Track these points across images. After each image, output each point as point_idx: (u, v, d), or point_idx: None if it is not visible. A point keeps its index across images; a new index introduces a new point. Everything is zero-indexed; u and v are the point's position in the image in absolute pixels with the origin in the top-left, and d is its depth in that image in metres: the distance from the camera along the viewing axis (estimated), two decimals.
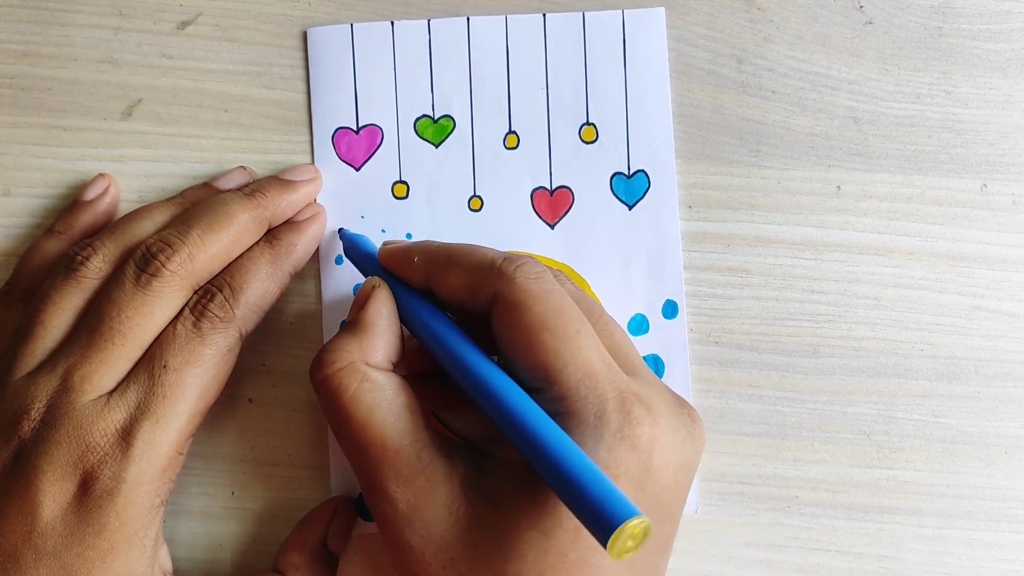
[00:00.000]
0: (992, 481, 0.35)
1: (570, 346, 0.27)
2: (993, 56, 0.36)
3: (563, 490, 0.24)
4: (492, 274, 0.28)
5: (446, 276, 0.29)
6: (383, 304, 0.30)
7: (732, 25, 0.36)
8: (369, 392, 0.28)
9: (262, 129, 0.36)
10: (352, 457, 0.28)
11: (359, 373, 0.28)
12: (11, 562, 0.28)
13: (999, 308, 0.36)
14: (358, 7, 0.36)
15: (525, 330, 0.27)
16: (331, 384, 0.28)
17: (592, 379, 0.27)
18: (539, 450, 0.25)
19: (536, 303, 0.27)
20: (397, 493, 0.27)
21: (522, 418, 0.26)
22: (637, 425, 0.26)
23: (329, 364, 0.28)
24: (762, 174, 0.36)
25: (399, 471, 0.27)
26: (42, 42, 0.36)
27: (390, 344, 0.30)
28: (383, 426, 0.28)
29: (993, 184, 0.36)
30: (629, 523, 0.22)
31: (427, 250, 0.30)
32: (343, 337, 0.29)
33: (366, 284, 0.31)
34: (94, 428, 0.28)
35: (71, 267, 0.31)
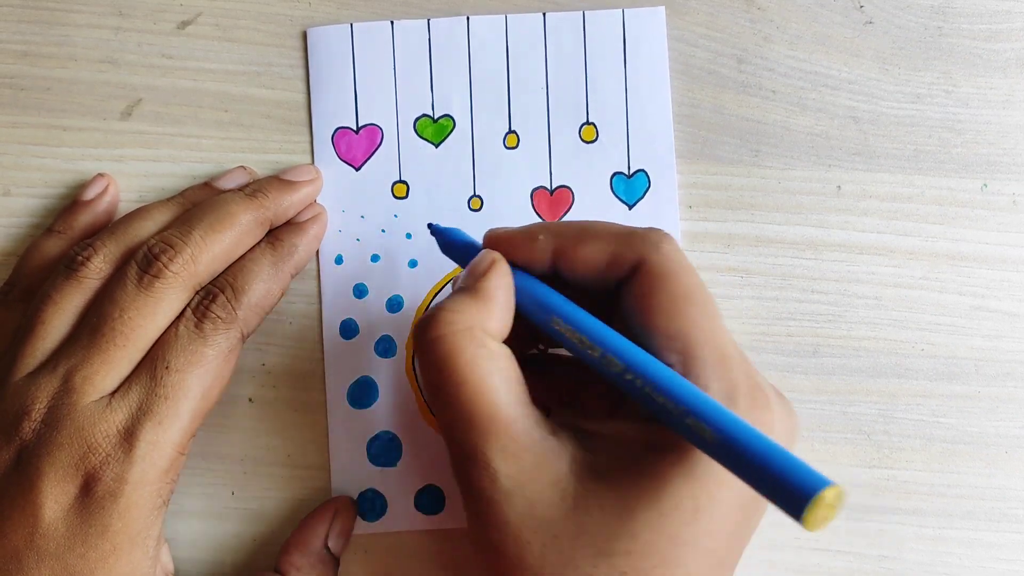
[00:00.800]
0: (992, 481, 0.35)
1: (712, 323, 0.27)
2: (993, 56, 0.36)
3: (741, 464, 0.23)
4: (636, 242, 0.28)
5: (580, 249, 0.28)
6: (504, 276, 0.29)
7: (732, 25, 0.36)
8: (485, 359, 0.27)
9: (262, 129, 0.36)
10: (453, 425, 0.27)
11: (477, 338, 0.27)
12: (13, 563, 0.28)
13: (999, 308, 0.36)
14: (358, 7, 0.36)
15: (670, 298, 0.27)
16: (445, 344, 0.27)
17: (728, 360, 0.27)
18: (712, 425, 0.24)
19: (684, 274, 0.27)
20: (501, 467, 0.26)
21: (685, 393, 0.25)
22: (762, 410, 0.26)
23: (447, 323, 0.27)
24: (762, 174, 0.36)
25: (506, 444, 0.26)
26: (42, 42, 0.36)
27: (505, 318, 0.28)
28: (496, 395, 0.26)
29: (993, 184, 0.36)
30: (828, 491, 0.21)
31: (552, 227, 0.29)
32: (462, 299, 0.28)
33: (484, 255, 0.29)
34: (96, 429, 0.28)
35: (72, 267, 0.31)
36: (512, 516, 0.26)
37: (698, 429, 0.24)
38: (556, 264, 0.29)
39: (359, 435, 0.35)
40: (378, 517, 0.35)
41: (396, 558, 0.35)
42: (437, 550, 0.35)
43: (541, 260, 0.29)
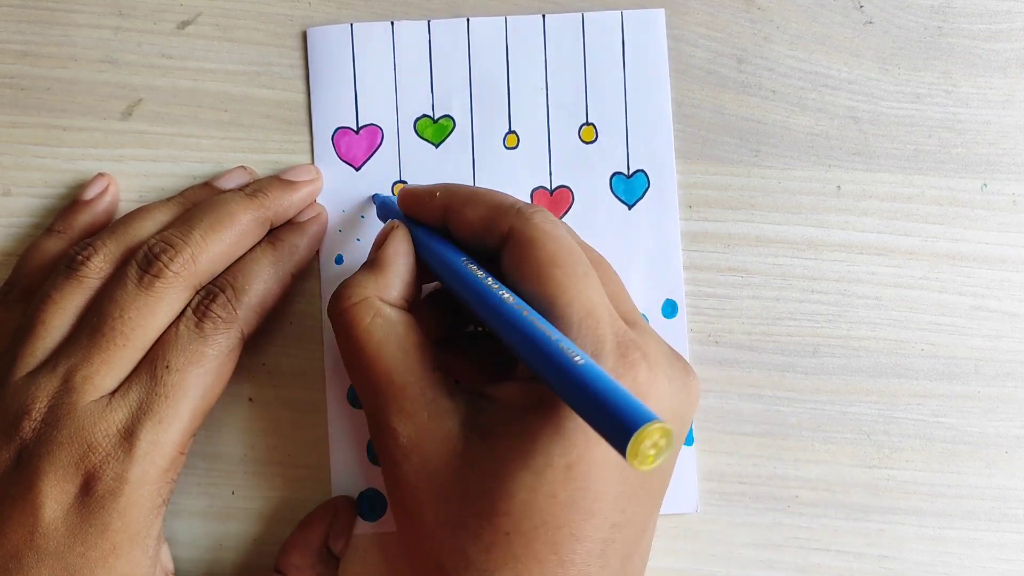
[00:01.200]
0: (992, 481, 0.35)
1: (577, 284, 0.27)
2: (993, 56, 0.36)
3: (575, 397, 0.24)
4: (510, 213, 0.29)
5: (464, 211, 0.30)
6: (401, 243, 0.31)
7: (732, 25, 0.36)
8: (381, 327, 0.29)
9: (262, 129, 0.36)
10: (361, 391, 0.29)
11: (373, 308, 0.29)
12: (13, 562, 0.28)
13: (999, 308, 0.36)
14: (358, 7, 0.36)
15: (536, 264, 0.28)
16: (346, 318, 0.29)
17: (593, 319, 0.27)
18: (551, 359, 0.24)
19: (550, 241, 0.28)
20: (399, 427, 0.28)
21: (533, 331, 0.25)
22: (632, 368, 0.27)
23: (346, 299, 0.29)
24: (762, 174, 0.36)
25: (402, 405, 0.28)
26: (42, 42, 0.36)
27: (405, 282, 0.30)
28: (391, 361, 0.28)
29: (993, 184, 0.36)
30: (649, 427, 0.21)
31: (449, 188, 0.31)
32: (361, 273, 0.30)
33: (386, 226, 0.32)
34: (96, 428, 0.28)
35: (72, 267, 0.31)
36: (411, 474, 0.28)
37: (539, 361, 0.25)
38: (447, 222, 0.31)
39: (359, 435, 0.35)
40: (378, 517, 0.35)
41: (396, 558, 0.35)
42: None
43: (436, 217, 0.31)
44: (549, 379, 0.25)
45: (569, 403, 0.24)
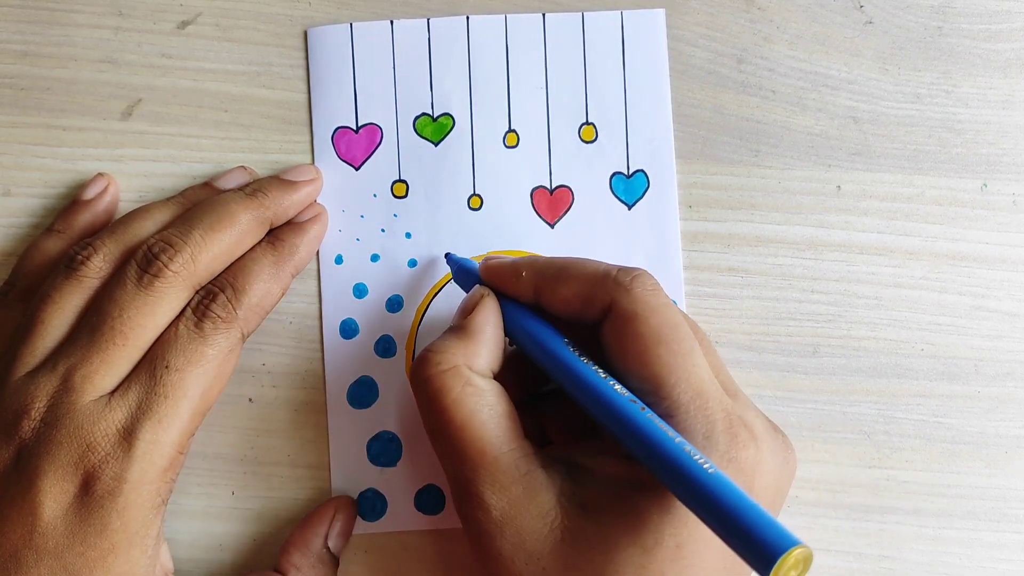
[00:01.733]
0: (992, 481, 0.35)
1: (684, 363, 0.27)
2: (993, 56, 0.36)
3: (713, 517, 0.23)
4: (608, 284, 0.28)
5: (558, 288, 0.29)
6: (490, 313, 0.30)
7: (732, 25, 0.36)
8: (471, 396, 0.28)
9: (262, 129, 0.36)
10: (447, 460, 0.29)
11: (463, 377, 0.28)
12: (12, 562, 0.28)
13: (999, 308, 0.36)
14: (358, 7, 0.36)
15: (640, 341, 0.27)
16: (434, 384, 0.28)
17: (703, 398, 0.27)
18: (681, 475, 0.24)
19: (653, 315, 0.28)
20: (492, 500, 0.27)
21: (656, 439, 0.25)
22: (743, 448, 0.27)
23: (434, 364, 0.29)
24: (762, 174, 0.36)
25: (496, 478, 0.27)
26: (42, 42, 0.36)
27: (493, 353, 0.30)
28: (483, 431, 0.28)
29: (993, 184, 0.36)
30: (793, 552, 0.21)
31: (535, 264, 0.30)
32: (449, 339, 0.30)
33: (474, 292, 0.31)
34: (95, 428, 0.28)
35: (71, 266, 0.31)
36: (505, 548, 0.27)
37: (667, 474, 0.25)
38: (539, 300, 0.30)
39: (359, 435, 0.35)
40: (378, 517, 0.35)
41: (396, 558, 0.35)
42: (437, 550, 0.35)
43: (525, 295, 0.30)
44: (673, 486, 0.25)
45: (700, 516, 0.24)
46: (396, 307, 0.36)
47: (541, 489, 0.27)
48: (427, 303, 0.36)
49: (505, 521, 0.27)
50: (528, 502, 0.27)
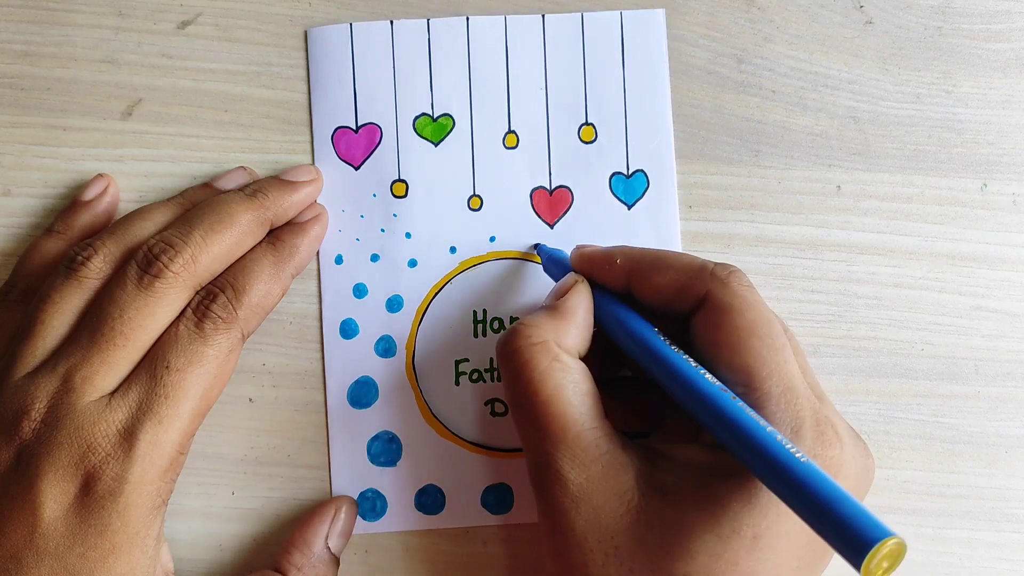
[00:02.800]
0: (992, 481, 0.35)
1: (776, 356, 0.27)
2: (993, 56, 0.36)
3: (805, 504, 0.23)
4: (704, 276, 0.29)
5: (652, 276, 0.30)
6: (583, 296, 0.31)
7: (732, 25, 0.36)
8: (559, 372, 0.28)
9: (262, 129, 0.36)
10: (528, 432, 0.29)
11: (551, 352, 0.29)
12: (13, 563, 0.28)
13: (999, 308, 0.36)
14: (358, 7, 0.36)
15: (735, 332, 0.28)
16: (522, 356, 0.29)
17: (792, 393, 0.27)
18: (773, 462, 0.24)
19: (748, 309, 0.28)
20: (571, 475, 0.28)
21: (749, 427, 0.25)
22: (829, 447, 0.27)
23: (524, 337, 0.29)
24: (762, 174, 0.36)
25: (576, 454, 0.28)
26: (42, 42, 0.36)
27: (583, 335, 0.30)
28: (567, 407, 0.28)
29: (993, 184, 0.36)
30: (888, 542, 0.21)
31: (630, 253, 0.31)
32: (541, 316, 0.30)
33: (567, 277, 0.32)
34: (96, 429, 0.28)
35: (72, 267, 0.31)
36: (579, 523, 0.27)
37: (759, 462, 0.25)
38: (630, 288, 0.31)
39: (359, 435, 0.35)
40: (378, 517, 0.35)
41: (396, 558, 0.35)
42: (437, 550, 0.35)
43: (617, 282, 0.31)
44: (764, 474, 0.25)
45: (788, 502, 0.24)
46: (396, 307, 0.36)
47: (620, 469, 0.28)
48: (427, 303, 0.36)
49: (582, 497, 0.27)
50: (607, 480, 0.27)
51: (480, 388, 0.36)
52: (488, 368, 0.36)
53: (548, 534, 0.28)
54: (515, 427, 0.30)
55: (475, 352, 0.36)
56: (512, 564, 0.35)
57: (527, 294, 0.36)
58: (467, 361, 0.36)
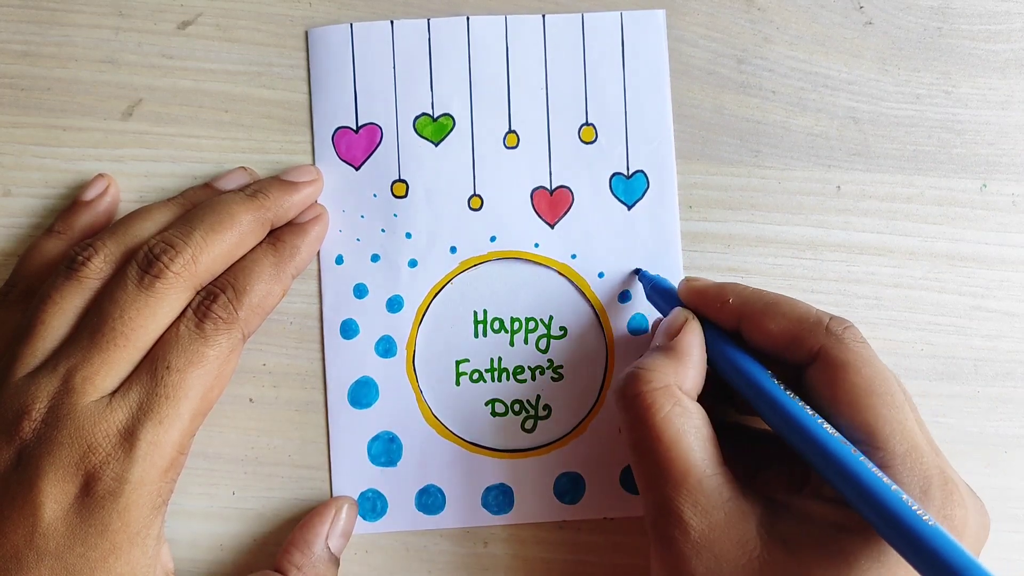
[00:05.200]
0: (992, 481, 0.35)
1: (897, 415, 0.27)
2: (993, 56, 0.37)
3: (934, 570, 0.24)
4: (819, 331, 0.29)
5: (765, 322, 0.30)
6: (696, 335, 0.31)
7: (732, 25, 0.36)
8: (680, 416, 0.28)
9: (262, 129, 0.36)
10: (649, 477, 0.29)
11: (673, 396, 0.29)
12: (13, 563, 0.28)
13: (999, 308, 0.36)
14: (358, 7, 0.36)
15: (852, 390, 0.28)
16: (644, 401, 0.29)
17: (917, 452, 0.27)
18: (901, 525, 0.24)
19: (865, 366, 0.28)
20: (693, 521, 0.27)
21: (876, 488, 0.25)
22: (957, 506, 0.27)
23: (645, 381, 0.29)
24: (762, 174, 0.36)
25: (698, 500, 0.27)
26: (42, 42, 0.36)
27: (699, 376, 0.30)
28: (690, 452, 0.28)
29: (993, 184, 0.36)
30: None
31: (743, 293, 0.31)
32: (658, 358, 0.30)
33: (677, 313, 0.32)
34: (96, 429, 0.28)
35: (72, 267, 0.31)
36: (699, 570, 0.27)
37: (889, 525, 0.25)
38: (740, 329, 0.31)
39: (359, 435, 0.35)
40: (378, 517, 0.35)
41: (396, 558, 0.35)
42: (437, 550, 0.35)
43: (728, 322, 0.31)
44: (891, 536, 0.25)
45: (917, 567, 0.24)
46: (396, 307, 0.36)
47: (743, 517, 0.27)
48: (427, 303, 0.36)
49: (703, 544, 0.27)
50: (729, 528, 0.27)
51: (480, 388, 0.36)
52: (488, 368, 0.36)
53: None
54: (633, 470, 0.30)
55: (475, 352, 0.36)
56: (512, 564, 0.35)
57: (527, 294, 0.36)
58: (467, 361, 0.36)
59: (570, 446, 0.36)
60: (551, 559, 0.35)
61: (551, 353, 0.36)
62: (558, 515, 0.35)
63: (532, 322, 0.36)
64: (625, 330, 0.36)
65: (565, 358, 0.36)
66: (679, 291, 0.33)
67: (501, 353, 0.36)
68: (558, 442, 0.36)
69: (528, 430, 0.36)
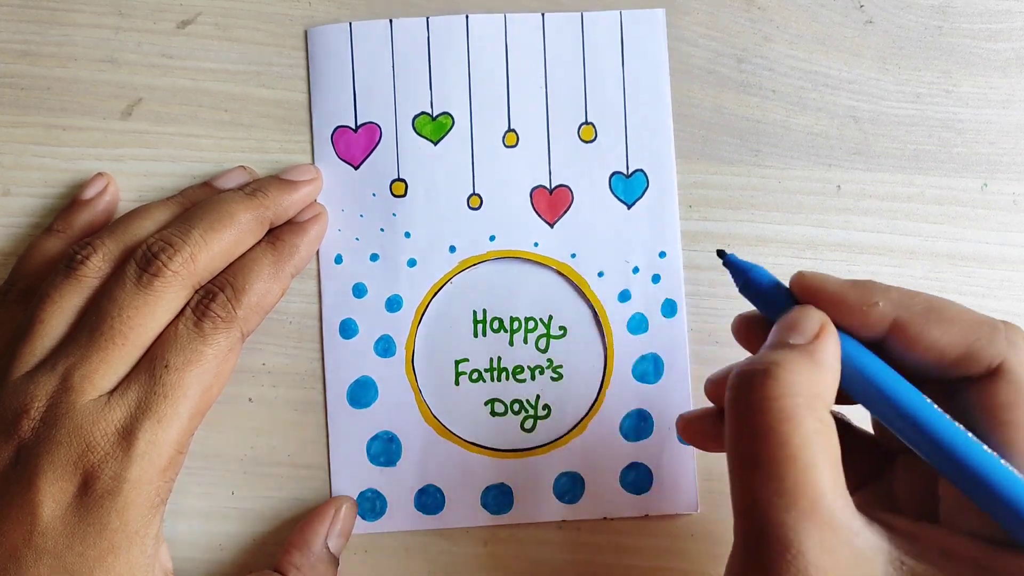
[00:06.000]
0: None
1: None
2: (993, 56, 0.36)
3: None
4: (999, 340, 0.25)
5: (929, 331, 0.25)
6: (836, 344, 0.26)
7: (732, 25, 0.36)
8: (822, 436, 0.24)
9: (262, 128, 0.36)
10: (765, 499, 0.24)
11: (816, 412, 0.24)
12: (12, 562, 0.28)
13: (999, 308, 0.36)
14: (358, 6, 0.36)
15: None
16: (783, 411, 0.24)
17: None
18: None
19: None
20: (815, 558, 0.23)
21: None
22: None
23: (787, 385, 0.24)
24: (762, 174, 0.36)
25: (825, 535, 0.23)
26: (42, 42, 0.36)
27: (835, 391, 0.25)
28: (823, 479, 0.23)
29: (993, 184, 0.36)
30: None
31: (893, 295, 0.26)
32: (798, 361, 0.25)
33: (811, 312, 0.26)
34: (95, 428, 0.28)
35: (71, 266, 0.31)
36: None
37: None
38: (889, 338, 0.26)
39: (359, 435, 0.35)
40: (378, 517, 0.35)
41: (396, 558, 0.35)
42: (437, 550, 0.35)
43: (872, 329, 0.26)
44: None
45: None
46: (396, 307, 0.36)
47: (871, 554, 0.23)
48: (427, 303, 0.36)
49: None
50: (856, 568, 0.23)
51: (480, 388, 0.36)
52: (488, 368, 0.36)
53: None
54: (737, 481, 0.25)
55: (475, 352, 0.36)
56: (512, 564, 0.35)
57: (527, 294, 0.36)
58: (467, 361, 0.36)
59: (570, 446, 0.36)
60: (551, 559, 0.35)
61: (550, 353, 0.36)
62: (558, 515, 0.35)
63: (531, 322, 0.36)
64: (625, 330, 0.36)
65: (565, 358, 0.36)
66: (795, 286, 0.27)
67: (500, 353, 0.36)
68: (558, 442, 0.36)
69: (528, 430, 0.36)
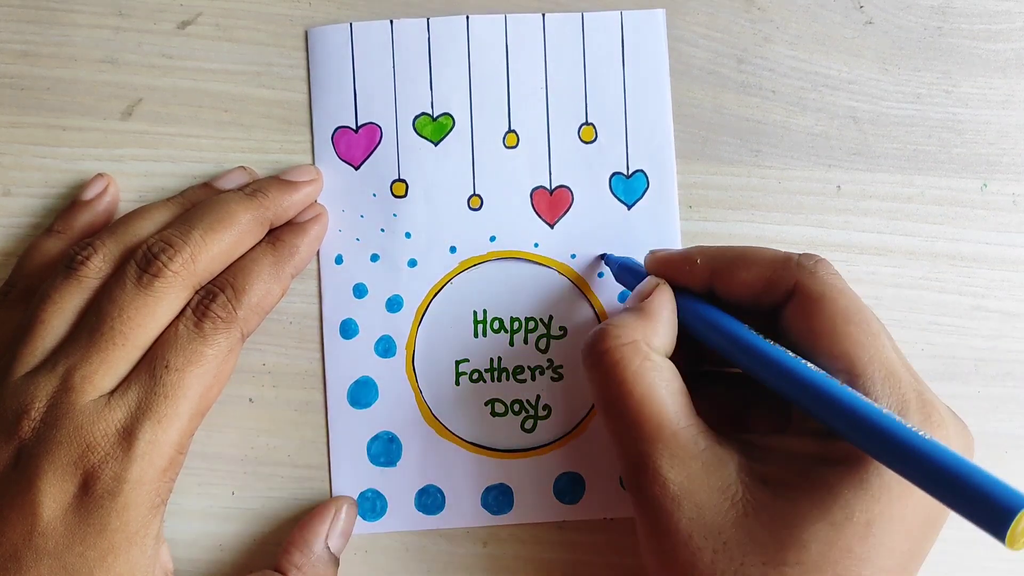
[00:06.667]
0: None
1: (875, 342, 0.28)
2: (993, 56, 0.36)
3: (936, 481, 0.23)
4: (791, 267, 0.29)
5: (737, 273, 0.30)
6: (667, 297, 0.31)
7: (732, 25, 0.36)
8: (650, 371, 0.28)
9: (262, 129, 0.36)
10: (622, 434, 0.29)
11: (641, 351, 0.29)
12: (12, 562, 0.28)
13: (999, 308, 0.36)
14: (358, 7, 0.36)
15: (829, 320, 0.28)
16: (612, 357, 0.29)
17: (895, 377, 0.27)
18: (897, 443, 0.24)
19: (840, 296, 0.28)
20: (670, 474, 0.27)
21: (865, 411, 0.25)
22: (936, 428, 0.27)
23: (613, 337, 0.29)
24: (762, 174, 0.36)
25: (674, 452, 0.27)
26: (42, 42, 0.36)
27: (669, 335, 0.30)
28: (661, 405, 0.28)
29: (993, 184, 0.36)
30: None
31: (710, 252, 0.31)
32: (627, 317, 0.30)
33: (648, 280, 0.32)
34: (95, 428, 0.28)
35: (71, 267, 0.31)
36: (683, 522, 0.27)
37: (882, 445, 0.24)
38: (713, 286, 0.31)
39: (359, 435, 0.35)
40: (378, 517, 0.35)
41: (396, 558, 0.35)
42: (437, 550, 0.35)
43: (699, 281, 0.31)
44: (886, 455, 0.24)
45: (917, 482, 0.24)
46: (396, 307, 0.36)
47: (720, 464, 0.27)
48: (427, 303, 0.36)
49: (683, 495, 0.27)
50: (708, 477, 0.27)
51: (480, 388, 0.36)
52: (488, 368, 0.36)
53: (649, 534, 0.28)
54: (606, 429, 0.30)
55: (475, 352, 0.36)
56: (512, 564, 0.35)
57: (527, 294, 0.36)
58: (467, 361, 0.36)
59: (570, 446, 0.36)
60: (551, 559, 0.35)
61: (551, 353, 0.36)
62: (558, 515, 0.35)
63: (532, 322, 0.36)
64: None
65: (565, 358, 0.36)
66: (646, 263, 0.33)
67: (501, 353, 0.36)
68: (558, 442, 0.36)
69: (528, 430, 0.36)
